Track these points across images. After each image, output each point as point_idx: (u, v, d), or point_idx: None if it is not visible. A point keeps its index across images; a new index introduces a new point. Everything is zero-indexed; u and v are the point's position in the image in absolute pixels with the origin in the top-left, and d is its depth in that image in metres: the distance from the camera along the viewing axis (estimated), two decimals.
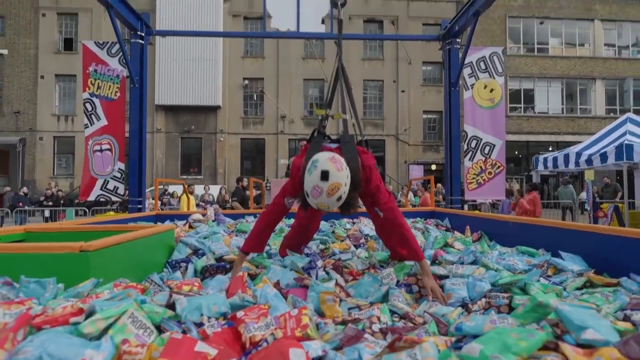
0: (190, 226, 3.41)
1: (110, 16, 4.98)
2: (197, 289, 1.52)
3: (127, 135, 5.70)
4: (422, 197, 10.24)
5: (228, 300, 1.27)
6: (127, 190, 5.86)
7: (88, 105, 5.75)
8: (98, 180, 5.72)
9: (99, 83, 5.77)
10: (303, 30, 5.94)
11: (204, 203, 10.34)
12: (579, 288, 1.81)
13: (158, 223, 4.26)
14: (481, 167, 6.01)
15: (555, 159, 8.94)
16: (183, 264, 2.30)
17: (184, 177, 19.91)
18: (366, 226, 3.36)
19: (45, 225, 2.63)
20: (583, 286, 1.83)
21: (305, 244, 2.47)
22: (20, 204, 11.06)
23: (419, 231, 3.34)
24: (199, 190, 11.85)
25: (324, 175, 1.58)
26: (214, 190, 12.76)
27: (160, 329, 1.10)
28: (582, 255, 2.16)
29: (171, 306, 1.20)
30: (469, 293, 1.68)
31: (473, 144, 6.00)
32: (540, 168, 9.52)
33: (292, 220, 2.73)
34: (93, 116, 5.76)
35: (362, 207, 2.13)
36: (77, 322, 0.98)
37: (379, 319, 1.35)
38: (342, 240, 2.98)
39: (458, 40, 6.12)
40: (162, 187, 13.92)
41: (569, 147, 11.17)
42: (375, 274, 1.95)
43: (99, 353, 0.86)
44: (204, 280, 2.17)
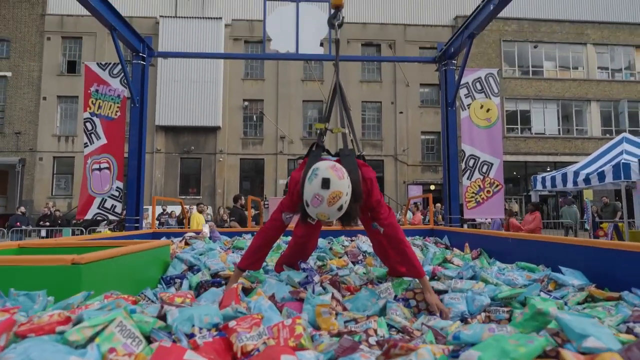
0: (186, 243, 3.37)
1: (113, 38, 5.09)
2: (190, 301, 1.48)
3: (126, 154, 5.72)
4: (415, 216, 10.06)
5: (221, 312, 1.24)
6: (125, 209, 5.83)
7: (88, 124, 5.79)
8: (96, 198, 5.70)
9: (99, 103, 5.84)
10: (302, 52, 6.07)
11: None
12: (580, 302, 1.77)
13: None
14: (479, 186, 6.02)
15: (553, 179, 8.96)
16: (178, 280, 2.26)
17: (183, 197, 19.84)
18: (364, 243, 3.32)
19: (39, 241, 2.60)
20: (584, 300, 1.79)
21: (302, 261, 2.43)
22: (17, 223, 10.98)
23: (417, 248, 3.30)
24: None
25: (325, 183, 1.54)
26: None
27: (149, 340, 1.06)
28: (582, 270, 2.13)
29: (162, 317, 1.17)
30: (468, 307, 1.64)
31: (471, 162, 6.02)
32: (539, 187, 9.52)
33: (289, 238, 2.69)
34: (93, 135, 5.80)
35: (359, 225, 2.11)
36: (63, 330, 0.95)
37: (375, 331, 1.31)
38: (340, 257, 2.95)
39: (454, 61, 6.24)
40: (160, 207, 13.85)
41: (567, 167, 11.20)
42: (373, 288, 1.92)
43: None
44: (198, 296, 2.13)
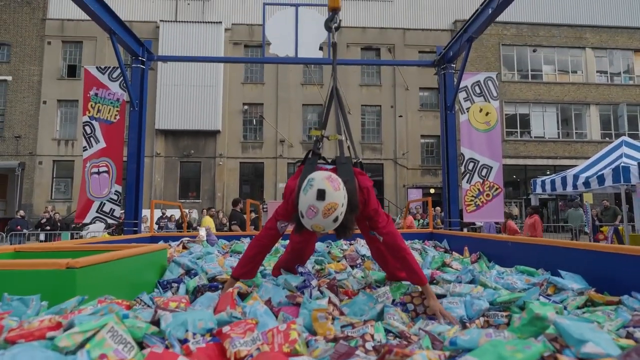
0: (184, 246, 3.36)
1: (112, 42, 5.10)
2: (185, 306, 1.47)
3: (125, 158, 5.71)
4: (407, 219, 9.88)
5: (215, 316, 1.22)
6: (123, 213, 5.82)
7: (87, 128, 5.79)
8: (94, 202, 5.69)
9: (99, 106, 5.84)
10: (301, 56, 6.08)
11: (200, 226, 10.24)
12: (580, 307, 1.76)
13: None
14: (479, 189, 6.00)
15: (553, 182, 8.95)
16: (175, 284, 2.24)
17: (182, 201, 19.82)
18: (363, 247, 3.31)
19: (36, 245, 2.58)
20: (584, 305, 1.78)
21: (300, 265, 2.41)
22: (18, 227, 10.96)
23: (416, 252, 3.29)
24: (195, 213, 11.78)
25: (320, 195, 1.52)
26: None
27: (142, 345, 1.05)
28: (582, 274, 2.11)
29: (156, 322, 1.15)
30: (467, 311, 1.63)
31: (470, 166, 6.02)
32: (539, 191, 9.51)
33: (287, 241, 2.67)
34: (92, 139, 5.80)
35: (356, 228, 2.09)
36: (54, 336, 0.94)
37: (372, 336, 1.30)
38: (339, 261, 2.93)
39: (452, 65, 6.25)
40: (160, 211, 13.83)
41: (566, 170, 11.17)
42: (371, 292, 1.90)
43: None
44: (195, 300, 2.11)
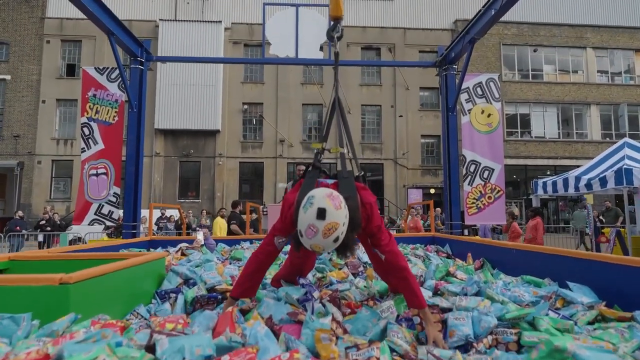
0: (183, 253, 3.30)
1: (111, 43, 5.04)
2: (182, 327, 1.41)
3: (124, 158, 5.65)
4: (412, 220, 9.87)
5: (214, 341, 1.17)
6: (122, 215, 5.77)
7: (86, 129, 5.74)
8: (93, 204, 5.64)
9: (97, 107, 5.78)
10: (301, 57, 6.02)
11: (200, 228, 10.20)
12: (591, 322, 1.71)
13: (151, 249, 4.16)
14: (481, 192, 5.96)
15: (554, 183, 8.90)
16: (173, 295, 2.19)
17: (182, 200, 19.77)
18: (364, 254, 3.25)
19: (31, 254, 2.53)
20: (594, 320, 1.73)
21: (301, 276, 2.35)
22: (17, 227, 10.89)
23: (419, 259, 3.23)
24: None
25: (321, 214, 1.45)
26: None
27: None
28: (590, 285, 2.06)
29: (152, 347, 1.10)
30: (475, 328, 1.57)
31: (472, 168, 5.97)
32: (540, 192, 9.46)
33: (289, 246, 2.60)
34: (90, 140, 5.74)
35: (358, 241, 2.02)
36: None
37: (378, 359, 1.25)
38: (340, 269, 2.88)
39: (454, 66, 6.20)
40: (159, 211, 13.77)
41: (567, 170, 11.13)
42: (375, 306, 1.85)
43: None
44: (193, 312, 2.06)
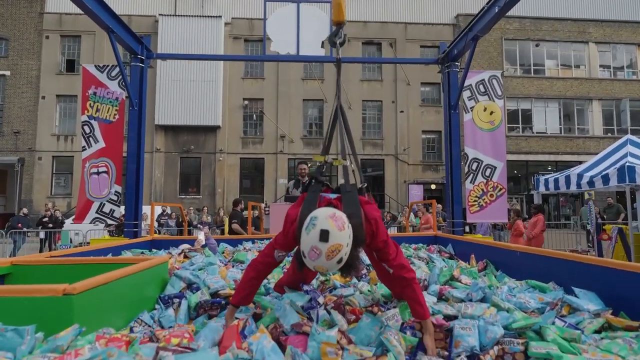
0: (185, 256, 3.29)
1: (110, 40, 4.99)
2: (188, 342, 1.40)
3: (125, 154, 5.63)
4: (424, 217, 9.98)
5: (220, 358, 1.16)
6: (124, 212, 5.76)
7: (86, 127, 5.71)
8: (94, 203, 5.63)
9: (97, 106, 5.75)
10: (303, 54, 5.97)
11: (202, 225, 10.21)
12: (598, 330, 1.69)
13: (153, 250, 4.15)
14: (482, 190, 5.94)
15: (556, 180, 8.87)
16: (176, 300, 2.18)
17: (182, 196, 19.79)
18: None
19: (33, 258, 2.52)
20: (601, 328, 1.72)
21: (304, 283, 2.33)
22: (19, 224, 10.91)
23: (422, 261, 3.22)
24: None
25: (324, 236, 1.43)
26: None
27: None
28: (596, 291, 2.05)
29: None
30: (481, 338, 1.56)
31: (474, 166, 5.94)
32: (542, 189, 9.43)
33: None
34: (91, 138, 5.72)
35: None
36: None
37: None
38: None
39: (457, 63, 6.15)
40: (160, 207, 13.77)
41: (568, 166, 11.12)
42: (381, 313, 1.84)
43: None
44: (197, 317, 2.05)
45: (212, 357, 1.15)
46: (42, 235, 10.85)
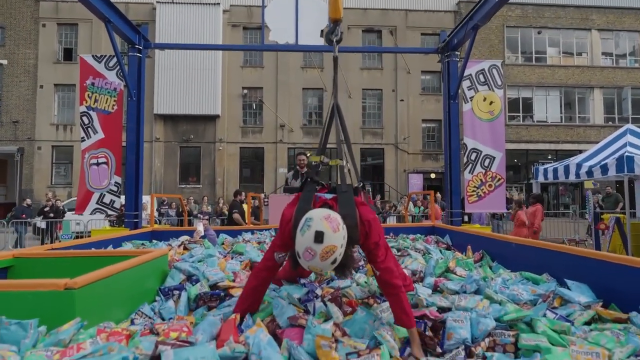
0: (185, 247, 3.33)
1: (107, 30, 4.95)
2: (186, 335, 1.44)
3: (124, 144, 5.63)
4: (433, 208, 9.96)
5: (218, 352, 1.20)
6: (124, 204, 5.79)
7: (85, 118, 5.70)
8: (94, 194, 5.65)
9: (96, 96, 5.72)
10: (302, 43, 5.92)
11: (202, 215, 10.26)
12: (587, 322, 1.73)
13: (154, 241, 4.19)
14: (481, 180, 5.96)
15: (555, 170, 8.88)
16: (176, 292, 2.22)
17: (183, 185, 19.83)
18: None
19: (35, 251, 2.55)
20: (591, 320, 1.76)
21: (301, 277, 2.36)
22: (23, 215, 10.99)
23: (419, 253, 3.26)
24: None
25: (318, 237, 1.45)
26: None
27: None
28: (588, 283, 2.09)
29: (157, 358, 1.13)
30: (473, 331, 1.60)
31: (473, 156, 5.95)
32: (541, 179, 9.45)
33: None
34: (90, 129, 5.71)
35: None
36: None
37: None
38: None
39: (457, 52, 6.11)
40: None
41: (568, 155, 11.09)
42: (376, 305, 1.88)
43: None
44: (197, 309, 2.09)
45: (209, 351, 1.19)
46: (42, 225, 10.91)
